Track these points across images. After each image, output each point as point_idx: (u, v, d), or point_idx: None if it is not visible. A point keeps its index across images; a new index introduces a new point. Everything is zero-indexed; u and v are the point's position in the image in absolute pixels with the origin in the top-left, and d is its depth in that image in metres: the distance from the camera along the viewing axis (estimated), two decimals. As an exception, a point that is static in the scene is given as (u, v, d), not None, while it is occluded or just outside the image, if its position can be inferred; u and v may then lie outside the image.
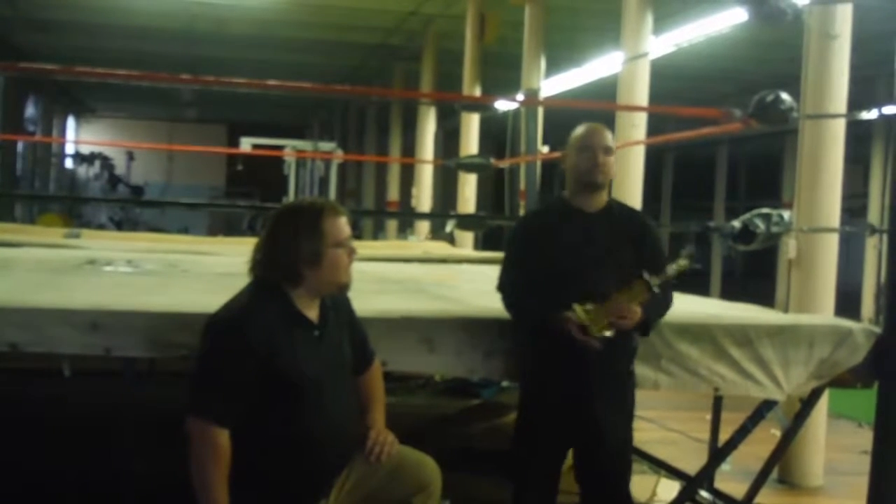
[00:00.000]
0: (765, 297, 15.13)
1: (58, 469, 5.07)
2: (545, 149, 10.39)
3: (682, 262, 3.89)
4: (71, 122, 32.45)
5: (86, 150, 30.17)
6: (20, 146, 23.70)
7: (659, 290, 3.81)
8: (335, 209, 3.47)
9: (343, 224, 3.45)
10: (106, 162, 29.74)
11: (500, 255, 4.40)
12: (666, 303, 4.01)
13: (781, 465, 6.63)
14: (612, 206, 4.15)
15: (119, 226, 25.04)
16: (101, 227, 23.93)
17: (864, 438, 6.10)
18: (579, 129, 4.11)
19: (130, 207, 26.03)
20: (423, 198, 16.43)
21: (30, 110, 24.87)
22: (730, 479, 5.47)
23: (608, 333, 3.76)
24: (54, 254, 7.11)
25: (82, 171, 30.74)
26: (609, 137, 4.08)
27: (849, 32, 6.84)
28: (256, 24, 16.75)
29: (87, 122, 33.98)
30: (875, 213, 17.32)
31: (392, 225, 19.18)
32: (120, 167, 30.32)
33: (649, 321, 3.91)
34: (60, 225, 18.08)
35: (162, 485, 3.91)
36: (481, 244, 13.64)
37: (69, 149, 31.30)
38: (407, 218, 18.16)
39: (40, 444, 5.40)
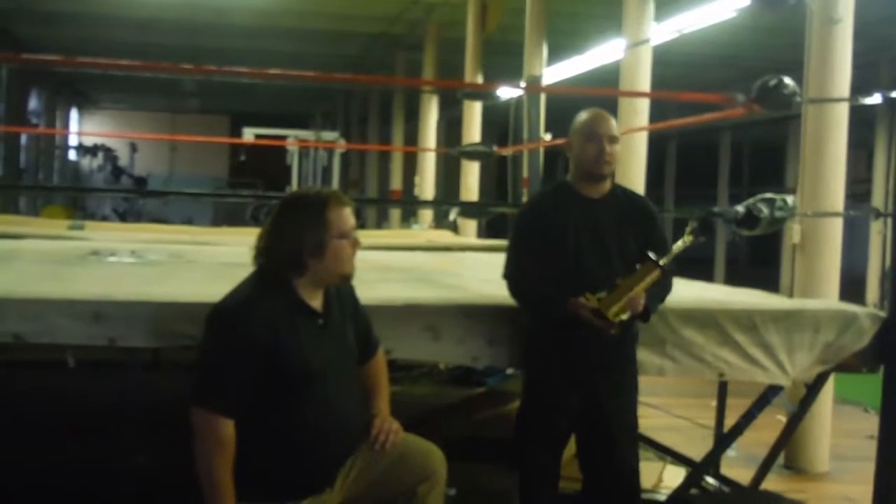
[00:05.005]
0: (769, 282, 15.12)
1: (61, 461, 5.07)
2: (548, 136, 10.38)
3: (688, 238, 3.88)
4: (74, 114, 32.50)
5: (89, 141, 30.24)
6: (24, 138, 23.71)
7: (667, 266, 3.80)
8: (340, 199, 3.45)
9: (348, 215, 3.43)
10: (109, 153, 29.80)
11: (503, 242, 4.40)
12: (666, 287, 4.01)
13: (787, 451, 6.63)
14: (617, 192, 4.15)
15: (122, 217, 25.06)
16: (104, 218, 23.92)
17: (871, 423, 6.09)
18: (584, 116, 4.08)
19: (134, 198, 26.06)
20: (426, 186, 16.44)
21: (33, 102, 24.90)
22: (736, 464, 5.48)
23: (624, 317, 3.77)
24: (58, 245, 7.11)
25: (86, 162, 30.81)
26: (614, 125, 4.07)
27: (851, 17, 6.81)
28: (258, 14, 16.73)
29: (90, 113, 34.06)
30: (879, 197, 17.31)
31: (395, 213, 19.18)
32: (123, 158, 30.37)
33: (649, 306, 3.89)
34: (64, 216, 18.11)
35: (166, 475, 3.91)
36: (485, 232, 13.65)
37: (72, 140, 31.37)
38: (410, 206, 18.17)
39: (44, 436, 5.40)
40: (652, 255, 3.80)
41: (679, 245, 3.89)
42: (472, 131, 13.98)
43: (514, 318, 4.08)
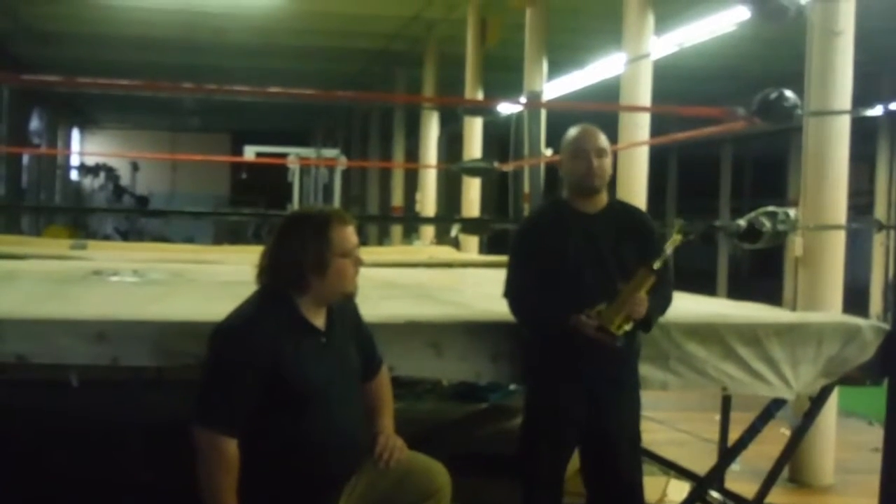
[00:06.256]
0: (772, 295, 15.10)
1: (65, 478, 5.06)
2: (548, 151, 10.39)
3: (676, 237, 3.87)
4: (75, 134, 32.58)
5: (90, 161, 30.28)
6: (25, 159, 23.75)
7: (661, 267, 3.79)
8: (343, 218, 3.46)
9: (350, 233, 3.44)
10: (110, 173, 29.86)
11: (505, 258, 4.40)
12: (667, 299, 4.02)
13: (792, 464, 6.61)
14: (614, 206, 4.16)
15: (124, 236, 25.11)
16: (106, 237, 23.98)
17: (875, 436, 6.07)
18: (571, 133, 4.10)
19: (135, 217, 26.10)
20: (428, 202, 16.45)
21: (34, 123, 24.96)
22: (740, 478, 5.45)
23: (627, 328, 3.76)
24: (60, 265, 7.11)
25: (87, 182, 30.86)
26: (601, 139, 4.06)
27: (852, 28, 6.82)
28: (257, 33, 16.78)
29: (92, 133, 34.15)
30: (881, 209, 17.30)
31: (397, 230, 19.20)
32: (125, 178, 30.41)
33: (651, 316, 3.89)
34: (66, 236, 18.13)
35: (170, 493, 3.90)
36: (486, 248, 13.64)
37: (74, 160, 31.42)
38: (411, 223, 18.18)
39: (48, 455, 5.39)
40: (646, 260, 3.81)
41: (669, 245, 3.89)
42: (473, 147, 13.99)
43: (517, 334, 4.07)
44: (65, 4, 15.30)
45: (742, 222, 5.91)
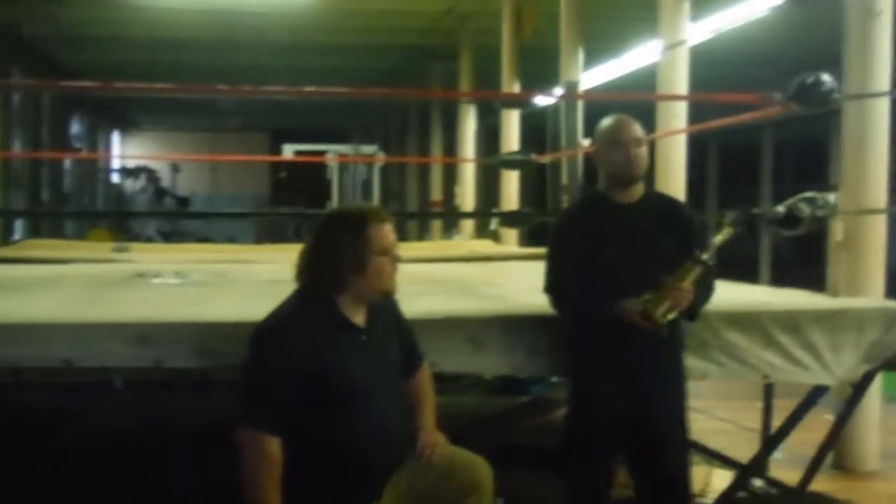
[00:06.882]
0: (816, 280, 14.95)
1: (110, 482, 5.12)
2: (586, 142, 10.35)
3: (728, 230, 3.84)
4: (116, 137, 32.86)
5: (131, 163, 30.55)
6: (67, 163, 24.00)
7: (709, 259, 3.77)
8: (381, 216, 3.48)
9: (388, 231, 3.45)
10: (151, 175, 30.09)
11: (544, 251, 4.39)
12: (710, 288, 3.99)
13: (836, 451, 6.55)
14: (651, 197, 4.14)
15: (167, 237, 25.28)
16: (149, 239, 24.16)
17: (920, 421, 6.01)
18: (606, 123, 4.09)
19: (177, 219, 26.31)
20: (467, 196, 16.46)
21: (75, 127, 25.21)
22: (783, 466, 5.43)
23: (671, 316, 3.75)
24: (104, 268, 7.20)
25: (129, 184, 31.12)
26: (636, 128, 4.04)
27: (891, 9, 6.72)
28: (291, 31, 16.83)
29: (132, 136, 34.41)
30: (924, 191, 17.05)
31: (437, 225, 19.20)
32: (165, 179, 30.64)
33: (695, 305, 3.87)
34: (109, 239, 18.28)
35: (214, 496, 3.94)
36: (526, 241, 13.62)
37: (115, 163, 31.71)
38: (451, 217, 18.19)
39: (92, 457, 5.46)
40: (694, 252, 3.79)
41: (719, 238, 3.87)
42: (511, 140, 13.97)
43: (555, 327, 4.08)
44: (101, 8, 15.45)
45: (781, 209, 5.85)
